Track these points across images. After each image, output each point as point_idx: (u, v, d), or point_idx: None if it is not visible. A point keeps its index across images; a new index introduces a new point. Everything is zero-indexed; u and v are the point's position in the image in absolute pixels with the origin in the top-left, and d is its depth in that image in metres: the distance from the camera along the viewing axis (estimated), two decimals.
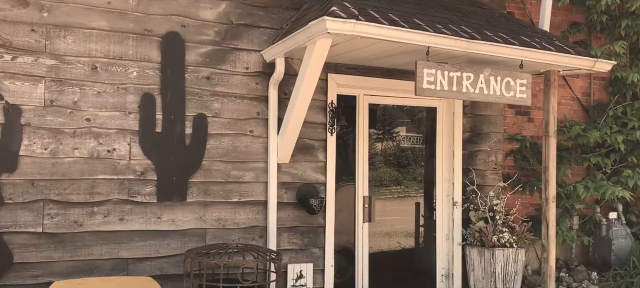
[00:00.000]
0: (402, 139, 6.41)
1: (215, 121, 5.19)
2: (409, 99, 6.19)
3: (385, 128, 6.38)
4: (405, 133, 6.46)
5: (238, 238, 5.26)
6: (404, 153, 6.43)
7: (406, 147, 6.44)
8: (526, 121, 6.95)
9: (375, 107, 6.16)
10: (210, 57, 5.16)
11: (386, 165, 6.32)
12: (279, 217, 5.40)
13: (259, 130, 5.35)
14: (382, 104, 6.20)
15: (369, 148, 6.09)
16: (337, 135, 5.78)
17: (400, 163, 6.40)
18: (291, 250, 5.48)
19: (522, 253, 6.00)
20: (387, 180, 6.31)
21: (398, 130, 6.41)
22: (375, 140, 6.23)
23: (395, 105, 6.33)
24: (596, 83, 7.32)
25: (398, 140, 6.39)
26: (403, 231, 6.39)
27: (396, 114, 6.50)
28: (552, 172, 5.64)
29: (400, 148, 6.40)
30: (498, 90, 5.00)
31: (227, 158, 5.22)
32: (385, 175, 6.30)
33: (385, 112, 6.38)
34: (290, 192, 5.47)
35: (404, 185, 6.41)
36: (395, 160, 6.38)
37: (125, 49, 4.88)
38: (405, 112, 6.49)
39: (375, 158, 6.24)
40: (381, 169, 6.27)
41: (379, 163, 6.26)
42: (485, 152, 6.44)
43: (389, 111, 6.39)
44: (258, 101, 5.35)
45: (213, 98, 5.18)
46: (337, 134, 5.75)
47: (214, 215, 5.18)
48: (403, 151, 6.42)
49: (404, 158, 6.43)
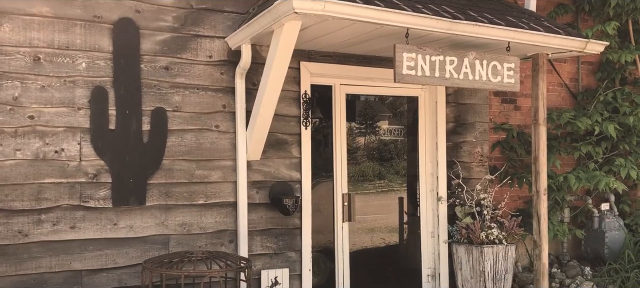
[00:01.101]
0: (383, 132, 6.00)
1: (176, 116, 4.72)
2: (389, 88, 5.78)
3: (365, 120, 5.96)
4: (387, 125, 6.05)
5: (205, 245, 4.80)
6: (386, 147, 6.03)
7: (387, 139, 6.03)
8: (513, 109, 6.58)
9: (353, 97, 5.73)
10: (168, 45, 4.69)
11: (367, 160, 5.91)
12: (250, 219, 4.95)
13: (225, 124, 4.89)
14: (360, 94, 5.78)
15: (348, 142, 5.66)
16: (313, 128, 5.35)
17: (382, 157, 6.00)
18: (265, 254, 5.04)
19: (513, 250, 5.64)
20: (368, 176, 5.90)
21: (378, 122, 6.00)
22: (354, 133, 5.81)
23: (375, 96, 5.91)
24: (584, 68, 6.98)
25: (379, 132, 5.98)
26: (386, 229, 5.99)
27: (376, 105, 6.09)
28: (543, 162, 5.27)
29: (381, 141, 5.99)
30: (484, 75, 4.60)
31: (190, 157, 4.76)
32: (366, 171, 5.89)
33: (365, 103, 5.96)
34: (262, 192, 5.02)
35: (386, 181, 6.01)
36: (376, 154, 5.97)
37: (72, 37, 4.38)
38: (385, 102, 6.08)
39: (355, 152, 5.82)
40: (362, 164, 5.86)
41: (359, 158, 5.85)
42: (471, 143, 6.06)
43: (368, 102, 5.98)
44: (224, 93, 4.89)
45: (173, 90, 4.71)
46: (312, 128, 5.31)
47: (177, 219, 4.71)
48: (384, 144, 6.01)
49: (385, 152, 6.02)
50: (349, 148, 5.68)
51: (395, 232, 6.04)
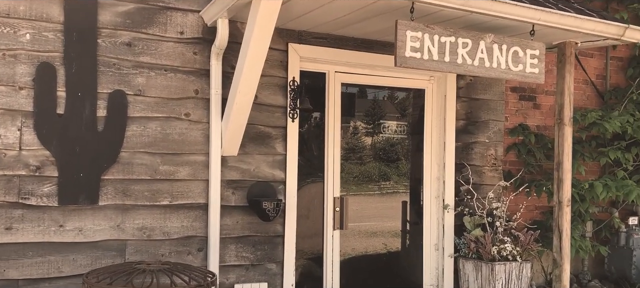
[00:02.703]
0: (383, 128, 5.28)
1: (138, 101, 4.02)
2: (392, 79, 5.05)
3: (363, 114, 5.24)
4: (388, 121, 5.33)
5: (169, 253, 4.10)
6: (386, 146, 5.30)
7: (388, 137, 5.31)
8: (531, 108, 5.84)
9: (349, 88, 5.01)
10: (132, 18, 3.99)
11: (364, 160, 5.19)
12: (223, 225, 4.25)
13: (197, 113, 4.18)
14: (358, 84, 5.05)
15: (342, 138, 4.95)
16: (301, 121, 4.63)
17: (381, 157, 5.27)
18: (240, 266, 4.33)
19: (528, 268, 4.90)
20: (364, 178, 5.18)
21: (379, 117, 5.28)
22: (350, 129, 5.09)
23: (375, 87, 5.18)
24: (613, 64, 6.22)
25: (379, 129, 5.25)
26: (383, 239, 5.26)
27: (377, 98, 5.37)
28: (567, 168, 4.54)
29: (381, 139, 5.27)
30: (503, 63, 3.87)
31: (154, 149, 4.06)
32: (362, 172, 5.17)
33: (363, 94, 5.24)
34: (238, 193, 4.32)
35: (385, 184, 5.28)
36: (375, 153, 5.24)
37: (14, 3, 3.69)
38: (387, 95, 5.35)
39: (351, 151, 5.10)
40: (358, 164, 5.14)
41: (354, 157, 5.13)
42: (483, 144, 5.32)
43: (367, 93, 5.25)
44: (196, 76, 4.18)
45: (136, 71, 4.01)
46: (301, 120, 4.60)
47: (136, 222, 4.01)
48: (385, 142, 5.29)
49: (385, 151, 5.29)
50: (343, 145, 4.97)
51: (394, 243, 5.31)
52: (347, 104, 5.00)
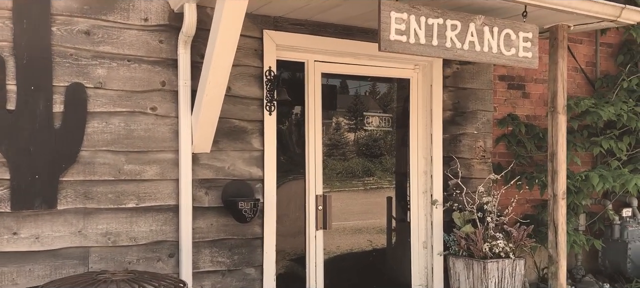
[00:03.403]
0: (367, 121, 4.99)
1: (99, 94, 3.67)
2: (375, 68, 4.76)
3: (346, 107, 4.95)
4: (373, 113, 5.04)
5: (137, 260, 3.76)
6: (371, 140, 5.01)
7: (373, 130, 5.02)
8: (520, 97, 5.59)
9: (331, 78, 4.71)
10: (90, 4, 3.64)
11: (348, 155, 4.90)
12: (196, 228, 3.92)
13: (164, 107, 3.85)
14: (340, 74, 4.75)
15: (324, 132, 4.64)
16: (280, 115, 4.33)
17: (366, 152, 4.98)
18: (215, 272, 4.01)
19: (521, 265, 4.66)
20: (348, 174, 4.88)
21: (362, 110, 4.99)
22: (332, 122, 4.79)
23: (358, 77, 4.89)
24: (602, 51, 6.01)
25: (363, 122, 4.96)
26: (369, 238, 4.98)
27: (360, 89, 5.08)
28: (562, 159, 4.30)
29: (365, 132, 4.98)
30: (495, 46, 3.60)
31: (118, 147, 3.71)
32: (346, 168, 4.87)
33: (346, 85, 4.94)
34: (212, 193, 3.99)
35: (370, 180, 5.00)
36: (359, 148, 4.95)
37: None
38: (371, 85, 5.06)
39: (333, 146, 4.81)
40: (341, 160, 4.84)
41: (338, 152, 4.83)
42: (472, 136, 5.06)
43: (350, 84, 4.96)
44: (163, 66, 3.85)
45: (96, 61, 3.66)
46: (280, 114, 4.29)
47: (99, 227, 3.67)
48: (369, 136, 5.00)
49: (370, 145, 5.01)
50: (325, 140, 4.66)
51: (381, 241, 5.03)
52: (329, 95, 4.70)
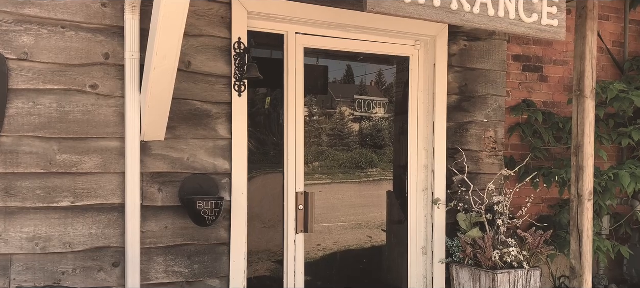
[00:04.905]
0: (359, 106, 4.31)
1: (24, 68, 3.00)
2: (367, 43, 4.07)
3: (334, 89, 4.26)
4: (365, 97, 4.35)
5: (73, 269, 3.10)
6: (363, 128, 4.34)
7: (365, 117, 4.34)
8: (537, 80, 4.88)
9: (315, 54, 4.02)
10: None
11: (335, 146, 4.22)
12: (147, 231, 3.26)
13: (108, 84, 3.17)
14: (326, 50, 4.06)
15: (307, 118, 3.97)
16: (254, 98, 3.65)
17: (356, 143, 4.31)
18: (171, 284, 3.34)
19: (537, 277, 3.98)
20: (335, 168, 4.21)
21: (353, 93, 4.30)
22: (316, 107, 4.12)
23: (347, 53, 4.20)
24: (632, 29, 5.28)
25: (353, 108, 4.28)
26: (359, 242, 4.31)
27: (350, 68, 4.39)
28: (589, 153, 3.61)
29: (356, 119, 4.31)
30: (512, 11, 2.89)
31: (49, 133, 3.04)
32: (333, 161, 4.20)
33: (333, 63, 4.25)
34: (168, 190, 3.32)
35: (361, 175, 4.32)
36: (348, 138, 4.27)
37: None
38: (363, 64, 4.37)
39: (318, 135, 4.13)
40: (326, 152, 4.17)
41: (322, 142, 4.16)
42: (481, 125, 4.35)
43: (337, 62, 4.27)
44: (107, 35, 3.16)
45: (20, 27, 2.98)
46: (254, 97, 3.61)
47: (25, 230, 3.01)
48: (361, 124, 4.33)
49: (362, 135, 4.33)
50: (308, 127, 3.98)
51: (373, 246, 4.36)
52: (313, 75, 4.01)
